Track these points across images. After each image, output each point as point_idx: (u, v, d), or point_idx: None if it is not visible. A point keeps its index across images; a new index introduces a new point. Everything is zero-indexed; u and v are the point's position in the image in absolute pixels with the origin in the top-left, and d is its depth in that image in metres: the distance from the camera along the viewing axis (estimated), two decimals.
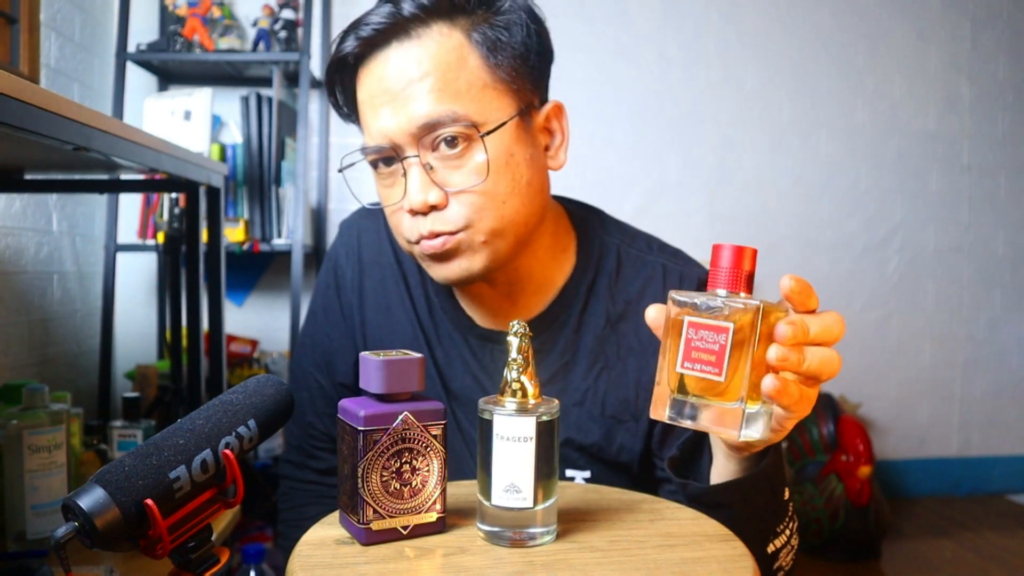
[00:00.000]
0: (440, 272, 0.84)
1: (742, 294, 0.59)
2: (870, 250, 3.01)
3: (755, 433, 0.58)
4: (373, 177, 0.86)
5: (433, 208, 0.80)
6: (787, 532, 0.74)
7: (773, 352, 0.56)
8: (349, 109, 0.88)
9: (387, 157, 0.82)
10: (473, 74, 0.79)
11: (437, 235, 0.80)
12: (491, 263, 0.82)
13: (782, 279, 0.59)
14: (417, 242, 0.82)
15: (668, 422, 0.60)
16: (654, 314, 0.63)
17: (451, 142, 0.78)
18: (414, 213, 0.80)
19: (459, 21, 0.80)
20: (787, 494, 0.73)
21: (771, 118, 2.92)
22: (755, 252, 0.60)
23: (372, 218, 0.99)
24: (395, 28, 0.79)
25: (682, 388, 0.59)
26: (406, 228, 0.83)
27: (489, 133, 0.79)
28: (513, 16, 0.81)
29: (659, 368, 0.60)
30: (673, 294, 0.60)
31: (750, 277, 0.60)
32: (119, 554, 1.05)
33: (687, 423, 0.59)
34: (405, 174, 0.80)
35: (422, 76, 0.78)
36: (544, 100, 0.87)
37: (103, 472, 0.48)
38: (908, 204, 3.03)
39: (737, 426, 0.56)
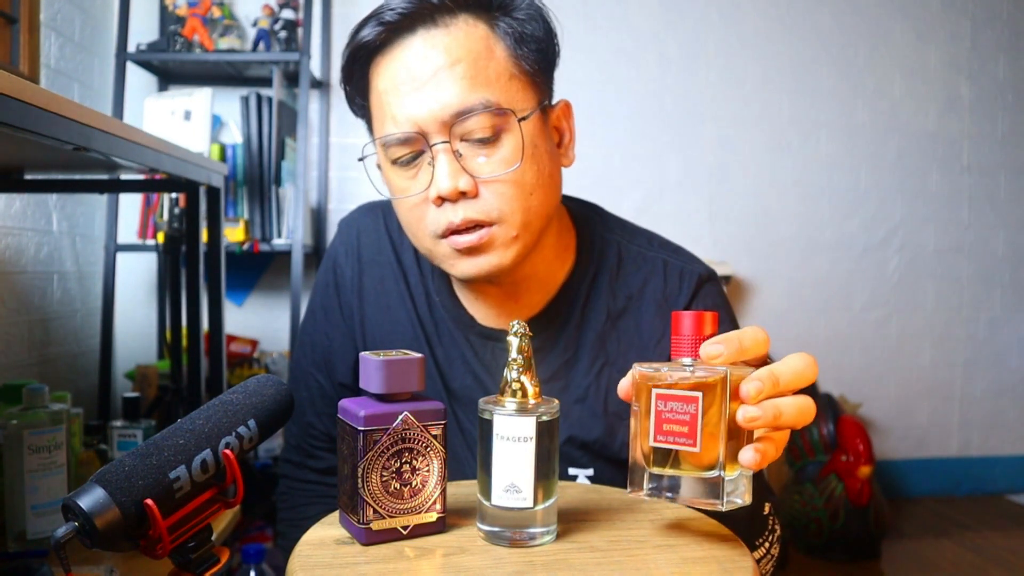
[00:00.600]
0: (468, 267, 0.82)
1: None
2: (870, 250, 3.01)
3: (738, 499, 0.57)
4: (387, 172, 0.85)
5: (462, 196, 0.78)
6: (766, 544, 0.74)
7: (741, 414, 0.55)
8: (362, 100, 0.87)
9: (414, 148, 0.80)
10: (501, 64, 0.79)
11: (471, 226, 0.79)
12: (518, 258, 0.82)
13: (702, 347, 0.58)
14: (444, 235, 0.81)
15: (648, 498, 0.59)
16: (626, 385, 0.62)
17: (481, 130, 0.78)
18: (441, 201, 0.79)
19: (482, 14, 0.80)
20: (767, 509, 0.73)
21: (771, 118, 2.92)
22: (715, 316, 0.60)
23: (372, 216, 0.99)
24: (421, 14, 0.79)
25: (658, 460, 0.58)
26: (431, 220, 0.81)
27: (524, 119, 0.79)
28: (532, 12, 0.82)
29: (632, 438, 0.60)
30: (638, 366, 0.60)
31: None
32: (119, 554, 1.05)
33: (668, 497, 0.58)
34: (432, 161, 0.79)
35: (453, 63, 0.78)
36: (551, 100, 0.88)
37: (103, 472, 0.48)
38: (908, 204, 3.03)
39: (719, 496, 0.56)
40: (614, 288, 0.91)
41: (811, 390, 0.60)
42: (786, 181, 2.95)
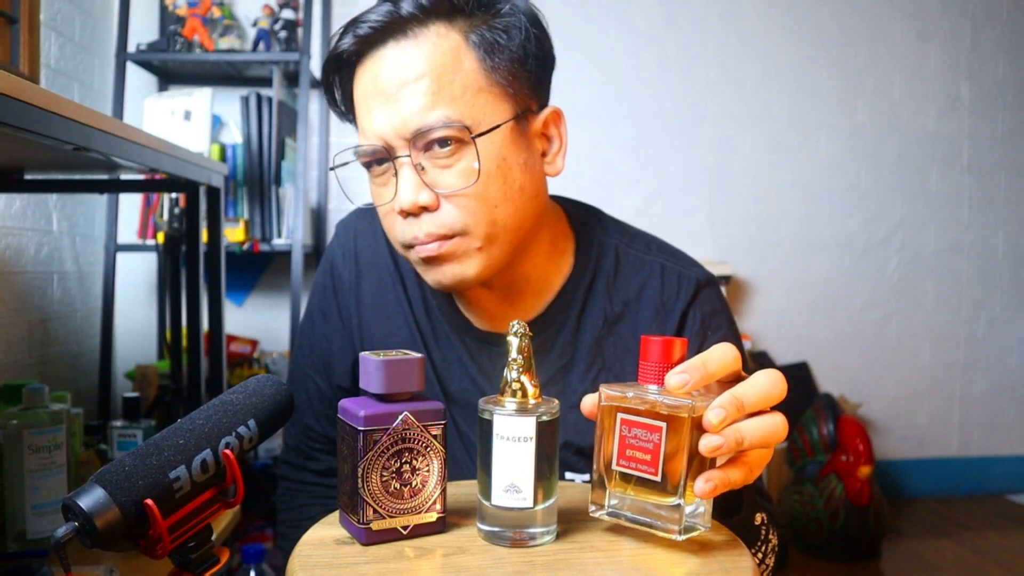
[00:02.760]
0: (433, 276, 0.83)
1: None
2: (870, 250, 3.01)
3: (699, 527, 0.58)
4: (369, 180, 0.86)
5: (424, 210, 0.79)
6: (759, 555, 0.74)
7: (703, 443, 0.55)
8: (346, 107, 0.87)
9: (380, 157, 0.82)
10: (468, 77, 0.79)
11: (432, 238, 0.80)
12: (484, 270, 0.82)
13: (667, 377, 0.58)
14: (411, 246, 0.82)
15: (608, 519, 0.59)
16: (589, 405, 0.62)
17: (443, 144, 0.78)
18: (405, 215, 0.80)
19: (457, 22, 0.79)
20: (759, 519, 0.73)
21: (771, 118, 2.92)
22: (685, 342, 0.60)
23: (368, 219, 0.99)
24: (392, 27, 0.79)
25: (620, 482, 0.58)
26: (399, 231, 0.82)
27: (480, 136, 0.78)
28: (513, 19, 0.81)
29: (595, 457, 0.60)
30: (604, 388, 0.60)
31: None
32: (119, 554, 1.05)
33: (626, 519, 0.58)
34: (396, 174, 0.80)
35: (417, 78, 0.78)
36: (544, 105, 0.86)
37: (103, 472, 0.48)
38: (908, 204, 3.03)
39: (677, 523, 0.56)
40: (611, 293, 0.91)
41: (811, 391, 0.60)
42: (786, 181, 2.95)
